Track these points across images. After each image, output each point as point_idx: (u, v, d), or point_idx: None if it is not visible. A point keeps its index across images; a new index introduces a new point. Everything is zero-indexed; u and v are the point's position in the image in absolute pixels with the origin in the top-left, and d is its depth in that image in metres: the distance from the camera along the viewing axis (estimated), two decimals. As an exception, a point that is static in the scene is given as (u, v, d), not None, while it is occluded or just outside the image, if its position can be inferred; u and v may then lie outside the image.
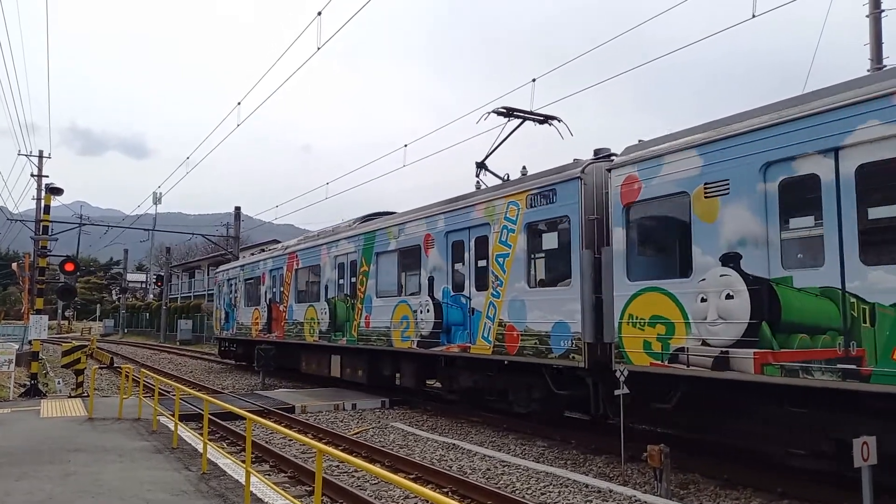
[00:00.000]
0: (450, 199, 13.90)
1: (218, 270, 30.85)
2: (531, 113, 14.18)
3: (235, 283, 26.99)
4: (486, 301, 12.14)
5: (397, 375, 16.61)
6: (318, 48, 14.06)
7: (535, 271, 11.83)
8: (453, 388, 14.19)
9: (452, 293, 13.25)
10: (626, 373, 9.12)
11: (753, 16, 10.89)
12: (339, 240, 18.28)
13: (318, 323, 18.92)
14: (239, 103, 21.40)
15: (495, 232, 12.01)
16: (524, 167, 13.09)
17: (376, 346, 15.93)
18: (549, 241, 11.62)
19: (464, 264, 13.04)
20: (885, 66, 13.96)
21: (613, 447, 10.03)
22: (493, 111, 13.96)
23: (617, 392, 9.15)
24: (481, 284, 12.45)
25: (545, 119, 14.30)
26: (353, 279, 17.29)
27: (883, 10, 14.54)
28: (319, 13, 13.75)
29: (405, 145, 20.79)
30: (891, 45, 14.54)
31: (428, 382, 16.59)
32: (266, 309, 23.08)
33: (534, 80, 14.59)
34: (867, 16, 14.67)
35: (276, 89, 18.53)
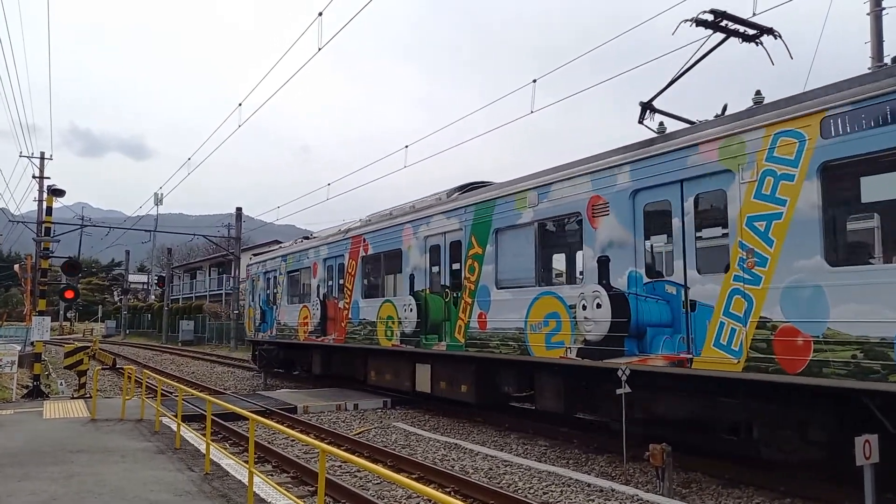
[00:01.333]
0: (636, 144, 9.76)
1: (251, 262, 26.12)
2: (746, 23, 9.66)
3: (275, 277, 22.81)
4: (723, 289, 8.13)
5: (525, 393, 12.77)
6: (319, 49, 14.06)
7: (846, 239, 8.18)
8: (643, 418, 9.71)
9: (647, 280, 9.26)
10: (627, 372, 9.13)
11: (753, 14, 10.86)
12: (431, 215, 14.16)
13: (399, 323, 14.91)
14: (240, 104, 21.43)
15: (747, 182, 7.96)
16: (724, 105, 9.42)
17: (498, 353, 11.79)
18: (885, 187, 7.56)
19: (670, 237, 9.12)
20: (886, 63, 13.95)
21: (615, 446, 10.04)
22: (695, 19, 9.52)
23: (619, 391, 9.16)
24: (711, 264, 8.60)
25: (759, 34, 9.76)
26: (457, 265, 13.34)
27: (884, 8, 14.54)
28: (320, 14, 13.76)
29: (406, 146, 20.78)
30: (891, 42, 14.55)
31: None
32: (319, 306, 19.01)
33: (534, 81, 14.57)
34: (868, 13, 14.67)
35: (278, 90, 18.55)
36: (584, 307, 10.09)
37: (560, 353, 10.38)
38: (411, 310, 14.59)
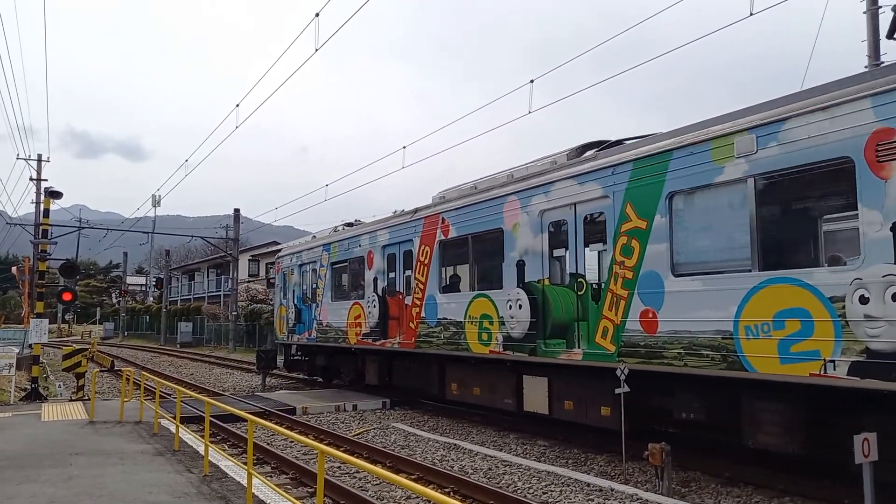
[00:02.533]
0: None
1: (282, 253, 23.00)
2: None
3: (314, 269, 19.80)
4: None
5: (710, 421, 8.81)
6: (317, 49, 14.05)
7: None
8: None
9: None
10: (626, 371, 9.13)
11: (751, 13, 10.88)
12: (550, 182, 10.91)
13: (501, 324, 11.73)
14: (237, 105, 21.40)
15: None
16: None
17: (681, 367, 8.50)
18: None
19: None
20: (883, 62, 13.97)
21: (614, 446, 10.04)
22: None
23: (617, 391, 9.16)
24: None
25: None
26: (598, 245, 10.51)
27: (880, 7, 14.55)
28: (317, 14, 13.74)
29: (404, 147, 20.74)
30: (887, 41, 14.56)
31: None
32: (376, 303, 16.01)
33: (532, 82, 14.57)
34: (864, 12, 14.69)
35: (275, 91, 18.53)
36: (864, 299, 6.68)
37: (811, 368, 7.03)
38: (520, 306, 11.36)
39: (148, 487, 7.91)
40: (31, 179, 36.82)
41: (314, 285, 19.82)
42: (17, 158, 37.68)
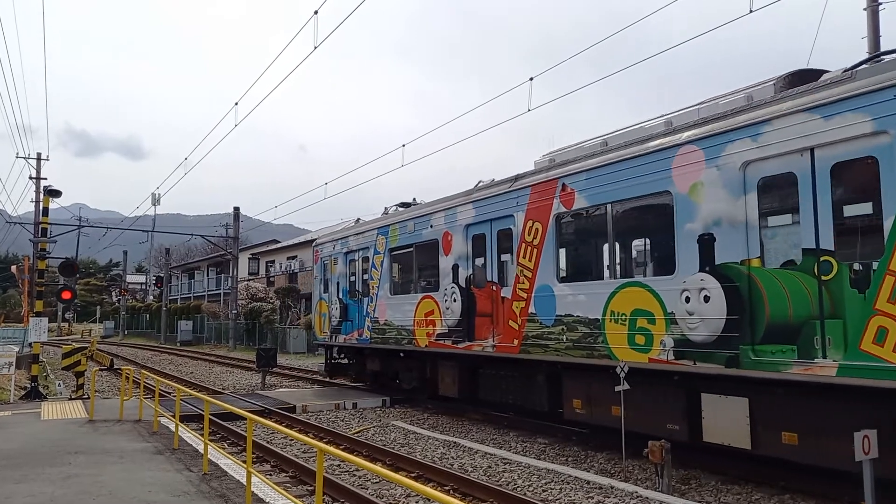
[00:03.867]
0: None
1: (322, 240, 20.12)
2: None
3: (366, 258, 16.93)
4: None
5: None
6: (315, 47, 14.03)
7: None
8: None
9: None
10: (626, 369, 9.12)
11: (751, 11, 10.86)
12: (764, 120, 7.83)
13: (670, 323, 8.78)
14: (236, 104, 21.41)
15: None
16: None
17: None
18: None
19: None
20: (883, 59, 13.93)
21: (614, 444, 10.03)
22: None
23: (617, 388, 9.15)
24: None
25: None
26: (866, 209, 7.39)
27: (880, 3, 14.53)
28: (316, 12, 13.72)
29: (403, 145, 20.73)
30: (888, 37, 14.53)
31: None
32: (457, 297, 13.17)
33: (531, 79, 14.56)
34: (864, 9, 14.66)
35: (274, 89, 18.53)
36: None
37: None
38: (705, 298, 8.39)
39: (147, 486, 7.90)
40: (30, 178, 36.85)
41: (366, 276, 16.93)
42: (17, 157, 37.67)
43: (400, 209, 16.73)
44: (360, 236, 17.38)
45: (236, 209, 47.47)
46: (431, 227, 14.19)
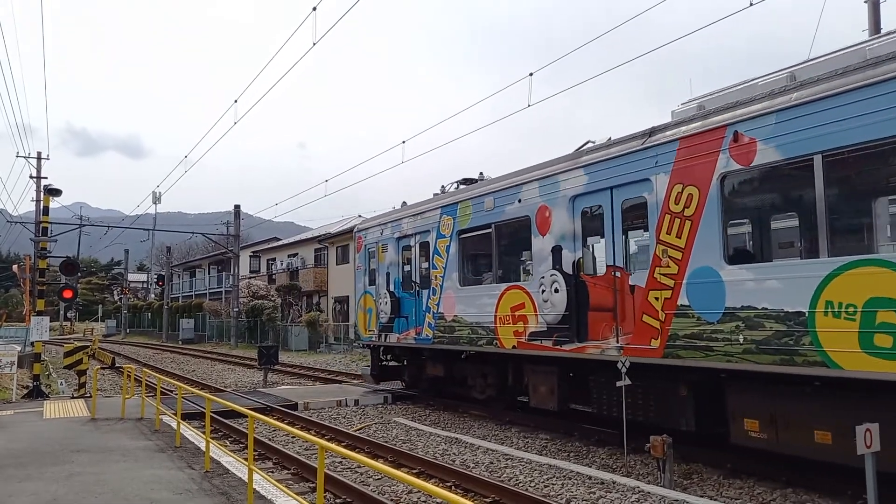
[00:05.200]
0: None
1: (365, 224, 17.65)
2: None
3: (424, 242, 14.58)
4: None
5: None
6: (314, 43, 14.01)
7: None
8: None
9: None
10: (627, 364, 9.12)
11: (751, 4, 10.81)
12: None
13: None
14: (236, 101, 21.40)
15: None
16: None
17: None
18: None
19: None
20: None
21: (616, 439, 10.03)
22: None
23: (619, 383, 9.15)
24: None
25: None
26: None
27: (881, -4, 14.45)
28: (314, 8, 13.69)
29: (403, 142, 20.69)
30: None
31: None
32: (559, 286, 10.63)
33: (531, 75, 14.52)
34: (865, 1, 14.60)
35: (273, 86, 18.50)
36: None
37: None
38: None
39: (150, 484, 7.91)
40: (31, 177, 36.83)
41: (425, 265, 14.57)
42: (17, 156, 37.67)
43: (459, 186, 14.45)
44: (418, 218, 14.81)
45: (237, 207, 47.50)
46: (520, 201, 11.58)
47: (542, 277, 10.97)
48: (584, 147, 10.72)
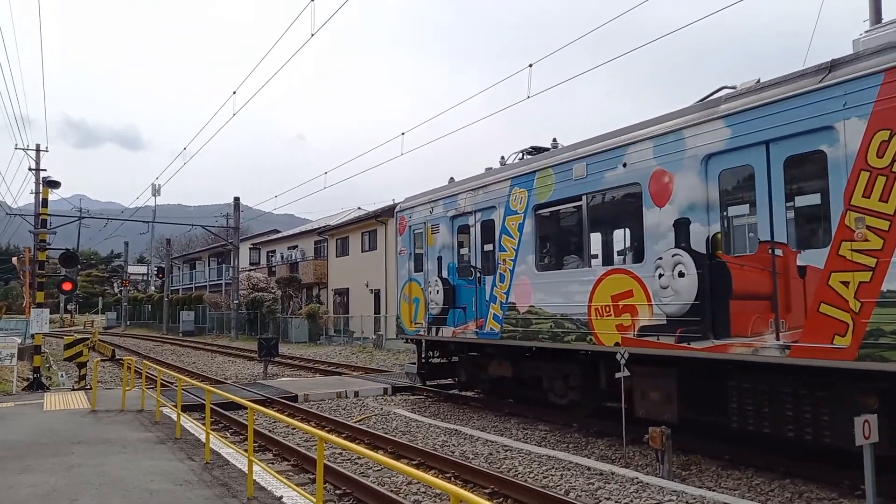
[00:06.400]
0: None
1: (410, 203, 15.39)
2: None
3: (485, 221, 12.64)
4: None
5: None
6: (312, 34, 13.95)
7: None
8: None
9: None
10: (626, 355, 9.12)
11: (752, -7, 10.71)
12: None
13: None
14: (234, 92, 21.33)
15: None
16: None
17: None
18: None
19: None
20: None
21: (615, 430, 10.05)
22: None
23: (618, 375, 9.16)
24: None
25: None
26: None
27: (883, -14, 14.35)
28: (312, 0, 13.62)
29: (402, 133, 20.65)
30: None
31: None
32: (687, 269, 8.60)
33: (531, 66, 14.46)
34: (867, -9, 14.49)
35: (271, 77, 18.44)
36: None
37: None
38: None
39: (150, 475, 7.92)
40: (29, 169, 36.72)
41: (488, 247, 12.76)
42: (16, 148, 37.58)
43: (525, 157, 12.40)
44: (479, 192, 12.74)
45: (236, 199, 47.47)
46: (625, 166, 9.60)
47: (660, 259, 8.96)
48: (718, 95, 8.70)
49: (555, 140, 12.35)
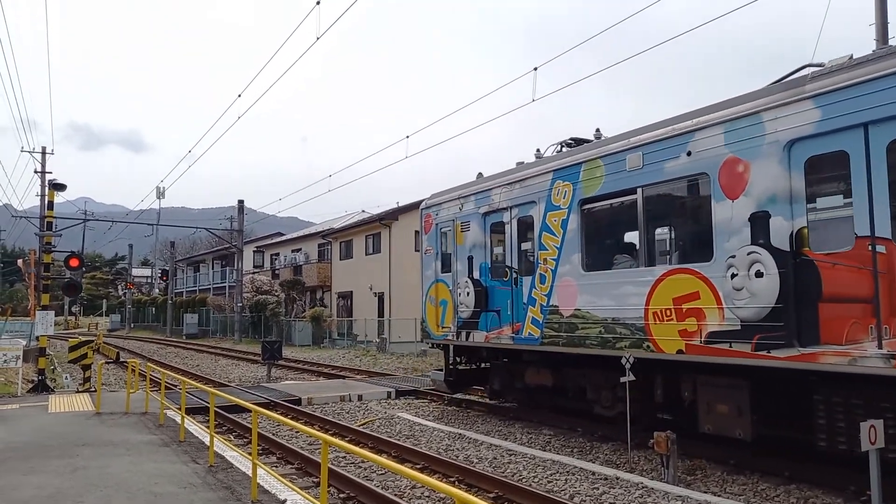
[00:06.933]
0: None
1: (440, 199, 14.25)
2: None
3: (522, 217, 11.74)
4: None
5: None
6: (318, 38, 13.98)
7: None
8: None
9: None
10: (631, 360, 9.10)
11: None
12: None
13: None
14: (239, 95, 21.39)
15: None
16: None
17: None
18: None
19: None
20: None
21: (619, 435, 10.02)
22: None
23: (623, 379, 9.14)
24: None
25: None
26: None
27: (890, -11, 14.33)
28: (318, 2, 13.66)
29: (407, 136, 20.68)
30: (896, 25, 14.36)
31: None
32: (766, 268, 7.65)
33: (535, 69, 14.47)
34: (872, -6, 14.48)
35: (277, 80, 18.49)
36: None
37: None
38: None
39: (154, 478, 7.93)
40: (35, 172, 36.95)
41: (526, 245, 11.93)
42: (22, 151, 37.80)
43: (564, 149, 11.66)
44: (516, 186, 11.81)
45: (241, 202, 47.58)
46: (690, 154, 8.69)
47: (732, 257, 8.07)
48: (801, 74, 7.85)
49: (598, 130, 11.56)
